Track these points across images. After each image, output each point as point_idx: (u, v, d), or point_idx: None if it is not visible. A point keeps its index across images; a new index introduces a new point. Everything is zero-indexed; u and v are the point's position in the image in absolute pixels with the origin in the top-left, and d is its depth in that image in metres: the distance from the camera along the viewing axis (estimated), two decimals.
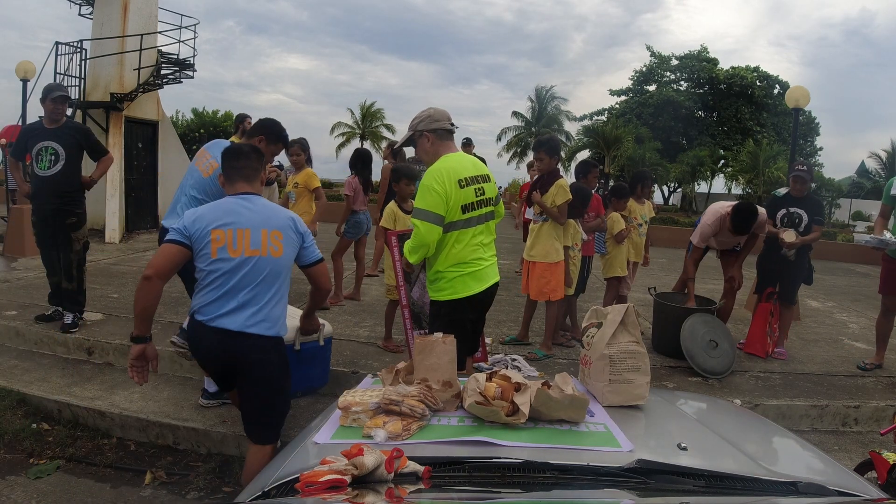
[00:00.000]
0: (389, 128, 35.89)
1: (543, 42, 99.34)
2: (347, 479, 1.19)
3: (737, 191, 26.67)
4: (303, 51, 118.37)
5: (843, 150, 67.28)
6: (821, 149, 30.94)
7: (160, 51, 10.21)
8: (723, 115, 29.15)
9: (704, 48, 30.37)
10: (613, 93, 32.22)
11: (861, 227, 17.78)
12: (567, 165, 25.52)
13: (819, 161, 30.12)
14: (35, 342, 4.45)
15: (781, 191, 4.75)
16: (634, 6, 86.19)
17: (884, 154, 31.73)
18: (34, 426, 3.46)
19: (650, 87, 31.00)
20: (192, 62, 10.63)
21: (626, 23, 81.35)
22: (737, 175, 25.08)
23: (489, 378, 1.64)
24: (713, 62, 29.68)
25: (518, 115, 34.89)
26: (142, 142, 10.10)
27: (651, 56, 31.40)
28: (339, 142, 35.61)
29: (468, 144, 8.07)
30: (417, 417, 1.54)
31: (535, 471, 1.31)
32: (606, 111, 31.74)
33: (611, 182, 21.66)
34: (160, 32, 10.17)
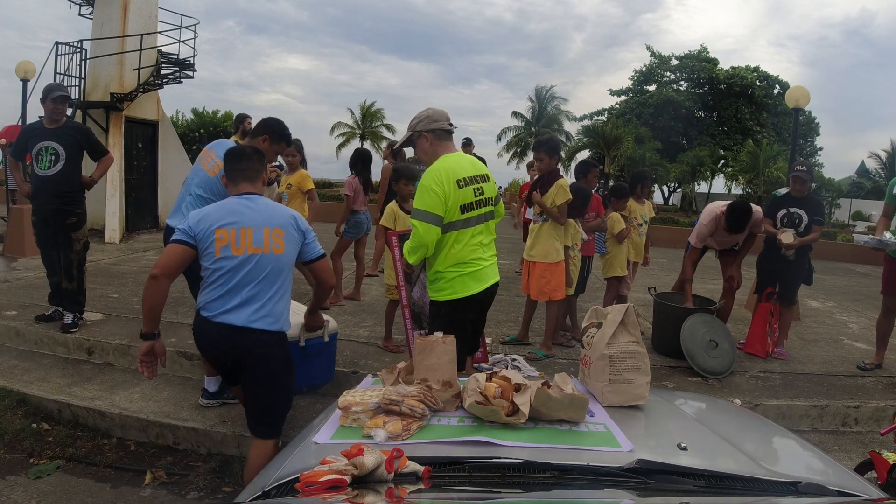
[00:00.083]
0: (389, 128, 35.92)
1: (543, 42, 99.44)
2: (347, 479, 1.19)
3: (737, 191, 26.69)
4: (303, 51, 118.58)
5: (843, 150, 67.35)
6: (821, 149, 30.95)
7: (160, 51, 10.21)
8: (723, 115, 29.14)
9: (704, 48, 30.37)
10: (613, 93, 32.23)
11: (861, 227, 17.78)
12: (567, 165, 25.51)
13: (819, 161, 30.11)
14: (35, 342, 4.45)
15: (782, 191, 4.75)
16: (634, 6, 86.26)
17: (884, 154, 31.75)
18: (34, 426, 3.46)
19: (650, 87, 30.98)
20: (192, 62, 10.64)
21: (626, 23, 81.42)
22: (737, 175, 25.07)
23: (489, 378, 1.64)
24: (713, 62, 29.66)
25: (518, 116, 34.92)
26: (142, 142, 10.10)
27: (651, 56, 31.41)
28: (339, 142, 35.65)
29: (468, 144, 8.07)
30: (417, 417, 1.54)
31: (535, 471, 1.31)
32: (606, 111, 31.73)
33: (611, 182, 21.65)
34: (160, 32, 10.18)
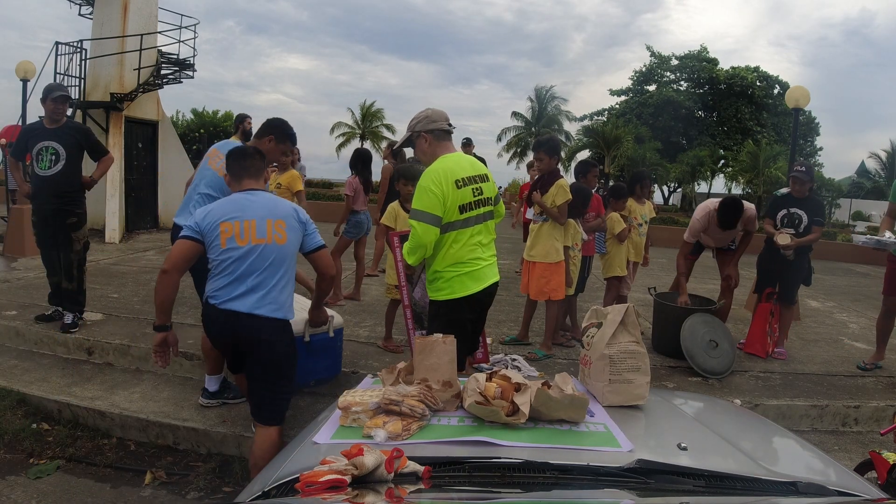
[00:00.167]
0: (389, 128, 35.90)
1: (543, 42, 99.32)
2: (347, 479, 1.19)
3: (737, 191, 26.63)
4: (303, 51, 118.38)
5: (843, 150, 67.31)
6: (821, 149, 30.95)
7: (160, 51, 10.21)
8: (723, 115, 29.14)
9: (704, 48, 30.37)
10: (613, 93, 32.22)
11: (861, 227, 17.76)
12: (567, 165, 25.51)
13: (819, 161, 30.12)
14: (35, 342, 4.45)
15: (783, 191, 4.75)
16: (634, 6, 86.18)
17: (884, 154, 31.76)
18: (34, 426, 3.46)
19: (650, 87, 30.98)
20: (192, 62, 10.64)
21: (626, 23, 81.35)
22: (737, 175, 25.06)
23: (489, 378, 1.64)
24: (713, 62, 29.66)
25: (518, 116, 34.87)
26: (142, 142, 10.10)
27: (651, 56, 31.40)
28: (340, 142, 35.66)
29: (468, 144, 8.07)
30: (417, 417, 1.54)
31: (535, 471, 1.31)
32: (606, 111, 31.73)
33: (610, 182, 21.65)
34: (160, 32, 10.18)
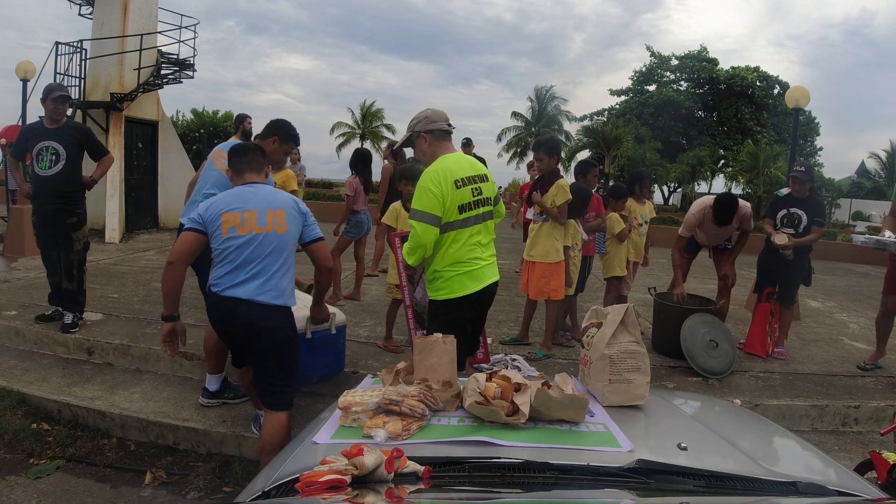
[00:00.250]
0: (389, 128, 35.90)
1: (543, 42, 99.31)
2: (347, 479, 1.19)
3: (737, 191, 26.63)
4: (303, 51, 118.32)
5: (843, 150, 67.27)
6: (821, 149, 30.93)
7: (160, 51, 10.21)
8: (723, 115, 29.13)
9: (704, 48, 30.37)
10: (613, 93, 32.21)
11: (861, 227, 17.76)
12: (567, 166, 25.50)
13: (819, 161, 30.10)
14: (35, 342, 4.44)
15: (784, 191, 4.75)
16: (634, 6, 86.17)
17: (884, 154, 31.76)
18: (34, 426, 3.46)
19: (650, 87, 30.96)
20: (192, 62, 10.64)
21: (626, 23, 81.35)
22: (737, 175, 25.05)
23: (489, 378, 1.64)
24: (713, 62, 29.65)
25: (518, 116, 34.85)
26: (142, 142, 10.10)
27: (651, 56, 31.38)
28: (340, 142, 35.67)
29: (468, 144, 8.07)
30: (417, 417, 1.54)
31: (535, 471, 1.31)
32: (606, 111, 31.72)
33: (610, 182, 21.66)
34: (160, 32, 10.18)
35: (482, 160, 6.85)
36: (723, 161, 28.04)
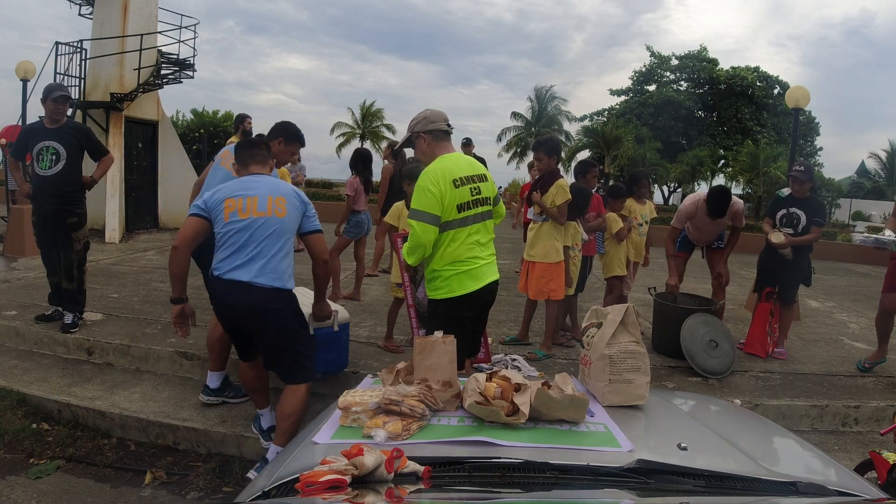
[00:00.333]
0: (389, 128, 35.93)
1: (543, 42, 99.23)
2: (347, 479, 1.19)
3: (737, 191, 26.64)
4: (303, 51, 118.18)
5: (843, 150, 67.33)
6: (821, 149, 30.94)
7: (160, 51, 10.20)
8: (723, 116, 29.13)
9: (704, 48, 30.37)
10: (613, 93, 32.21)
11: (861, 227, 17.75)
12: (567, 166, 25.50)
13: (819, 161, 30.11)
14: (35, 342, 4.44)
15: (785, 191, 4.76)
16: (634, 6, 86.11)
17: (884, 154, 31.80)
18: (34, 426, 3.46)
19: (650, 87, 30.96)
20: (192, 62, 10.63)
21: (626, 23, 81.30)
22: (737, 175, 25.06)
23: (489, 378, 1.64)
24: (713, 62, 29.66)
25: (518, 116, 34.82)
26: (142, 142, 10.10)
27: (651, 56, 31.39)
28: (340, 142, 35.69)
29: (468, 144, 8.07)
30: (417, 417, 1.54)
31: (535, 471, 1.31)
32: (606, 111, 31.71)
33: (610, 182, 21.66)
34: (160, 32, 10.17)
35: (482, 160, 6.85)
36: (723, 161, 28.04)
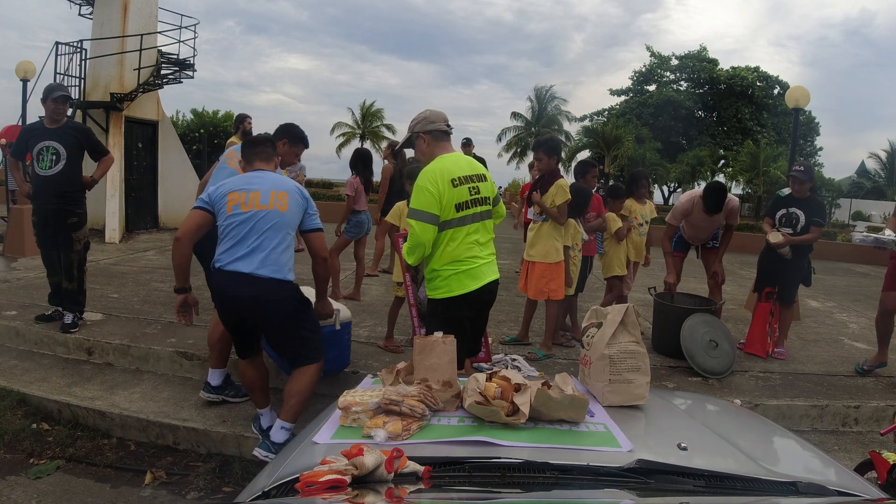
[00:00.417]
0: (390, 128, 35.94)
1: (543, 42, 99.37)
2: (347, 479, 1.19)
3: (737, 191, 26.64)
4: (303, 51, 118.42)
5: (843, 150, 67.40)
6: (821, 149, 30.97)
7: (160, 51, 10.20)
8: (723, 116, 29.15)
9: (704, 48, 30.38)
10: (613, 93, 32.24)
11: (861, 227, 17.75)
12: (567, 166, 25.49)
13: (819, 161, 30.13)
14: (35, 342, 4.44)
15: (785, 191, 4.76)
16: (634, 6, 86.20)
17: (884, 154, 31.79)
18: (34, 426, 3.46)
19: (650, 87, 30.99)
20: (192, 62, 10.63)
21: (626, 23, 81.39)
22: (737, 175, 25.07)
23: (489, 378, 1.64)
24: (713, 62, 29.67)
25: (518, 116, 34.80)
26: (142, 142, 10.09)
27: (651, 56, 31.41)
28: (340, 142, 35.70)
29: (468, 144, 8.07)
30: (417, 417, 1.54)
31: (535, 471, 1.31)
32: (606, 111, 31.72)
33: (610, 182, 21.65)
34: (160, 32, 10.17)
35: (482, 160, 6.84)
36: (723, 161, 28.05)
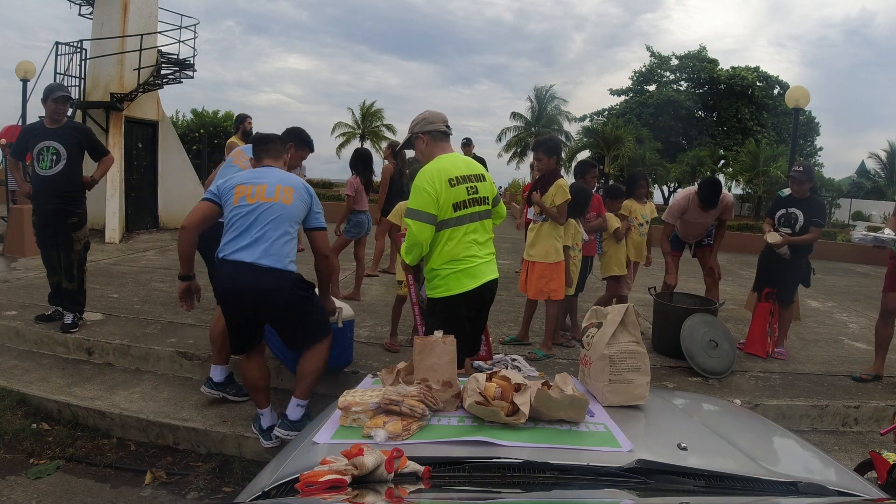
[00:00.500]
0: (390, 128, 35.96)
1: (543, 42, 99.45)
2: (347, 479, 1.19)
3: (737, 191, 26.68)
4: (303, 51, 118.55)
5: (843, 150, 67.43)
6: (821, 149, 31.01)
7: (160, 51, 10.20)
8: (723, 116, 29.17)
9: (704, 48, 30.40)
10: (613, 93, 32.26)
11: (861, 227, 17.76)
12: (567, 166, 25.48)
13: (819, 161, 30.15)
14: (35, 342, 4.44)
15: (785, 191, 4.76)
16: (634, 6, 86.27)
17: (884, 154, 31.79)
18: (34, 426, 3.46)
19: (650, 88, 31.01)
20: (192, 62, 10.62)
21: (626, 23, 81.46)
22: (737, 175, 25.08)
23: (489, 378, 1.64)
24: (713, 62, 29.68)
25: (518, 116, 34.77)
26: (142, 142, 10.09)
27: (651, 56, 31.44)
28: (340, 142, 35.72)
29: (468, 144, 8.07)
30: (417, 417, 1.54)
31: (535, 471, 1.31)
32: (606, 111, 31.72)
33: (610, 182, 21.65)
34: (160, 32, 10.17)
35: (482, 161, 6.85)
36: (723, 161, 28.07)
